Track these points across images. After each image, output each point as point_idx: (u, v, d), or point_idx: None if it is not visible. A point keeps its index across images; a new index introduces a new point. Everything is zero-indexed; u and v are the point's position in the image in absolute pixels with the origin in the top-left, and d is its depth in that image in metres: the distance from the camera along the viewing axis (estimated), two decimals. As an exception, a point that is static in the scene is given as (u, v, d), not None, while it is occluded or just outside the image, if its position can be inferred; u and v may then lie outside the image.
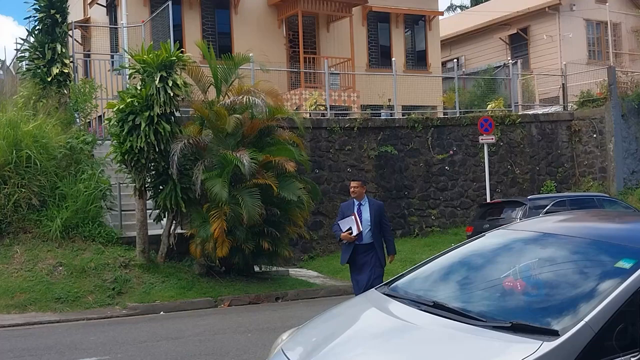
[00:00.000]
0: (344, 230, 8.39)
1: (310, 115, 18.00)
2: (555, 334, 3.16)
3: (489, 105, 20.63)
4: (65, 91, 15.25)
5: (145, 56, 12.11)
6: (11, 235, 12.56)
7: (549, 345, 3.07)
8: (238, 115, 12.41)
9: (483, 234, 4.73)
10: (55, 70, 14.92)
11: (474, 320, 3.46)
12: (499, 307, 3.79)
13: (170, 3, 16.95)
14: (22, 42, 16.50)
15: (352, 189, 8.66)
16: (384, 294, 4.19)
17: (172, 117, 12.29)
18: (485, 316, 3.51)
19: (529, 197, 14.45)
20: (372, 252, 8.45)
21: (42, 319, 10.49)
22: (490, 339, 3.26)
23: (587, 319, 3.17)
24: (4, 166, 12.67)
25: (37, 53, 15.16)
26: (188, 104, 13.09)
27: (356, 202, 8.60)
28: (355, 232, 8.33)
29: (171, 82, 11.92)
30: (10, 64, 19.32)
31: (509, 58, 25.83)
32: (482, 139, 16.45)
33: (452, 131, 18.55)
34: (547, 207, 13.29)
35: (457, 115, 19.57)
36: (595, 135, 20.01)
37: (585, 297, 3.43)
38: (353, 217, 8.36)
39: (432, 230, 17.72)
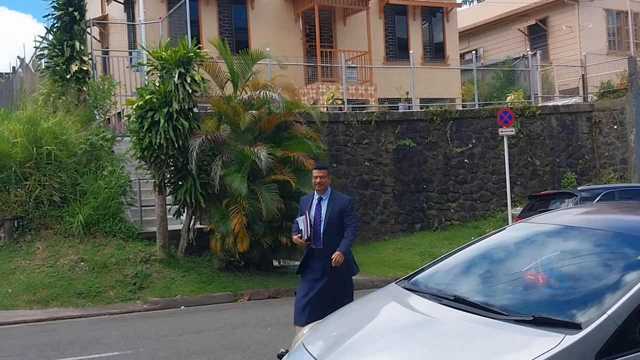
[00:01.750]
0: (298, 231, 6.87)
1: (327, 110, 17.99)
2: (577, 327, 3.14)
3: (509, 97, 20.47)
4: (84, 88, 15.37)
5: (163, 53, 12.16)
6: (33, 231, 12.70)
7: (571, 339, 3.05)
8: (253, 112, 12.42)
9: (503, 227, 4.70)
10: (74, 68, 15.04)
11: (496, 314, 3.44)
12: (520, 300, 3.76)
13: (187, -1, 17.00)
14: (41, 39, 16.66)
15: (317, 180, 6.93)
16: (404, 288, 4.18)
17: (191, 113, 12.32)
18: (507, 310, 3.49)
19: (579, 189, 14.32)
20: (331, 259, 6.72)
21: (64, 314, 10.61)
22: (512, 333, 3.24)
23: (610, 312, 3.14)
24: (24, 163, 12.80)
25: (56, 50, 15.28)
26: (206, 99, 13.12)
27: (316, 196, 6.96)
28: (304, 237, 6.78)
29: (189, 79, 11.95)
30: (30, 61, 19.49)
31: (528, 49, 25.58)
32: (501, 131, 16.32)
33: (471, 124, 18.43)
34: (598, 198, 13.11)
35: (476, 108, 19.44)
36: (615, 127, 19.77)
37: (608, 290, 3.39)
38: (304, 216, 6.83)
39: (451, 224, 17.64)
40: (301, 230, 6.80)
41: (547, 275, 3.90)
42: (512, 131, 16.55)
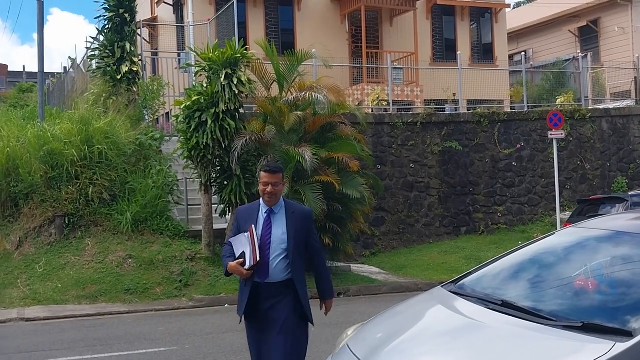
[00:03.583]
0: (236, 256, 4.66)
1: (372, 111, 17.94)
2: (628, 334, 3.06)
3: (558, 100, 20.10)
4: (134, 89, 15.66)
5: (211, 54, 12.31)
6: (83, 228, 13.00)
7: (622, 346, 2.98)
8: (298, 113, 12.47)
9: (552, 232, 4.62)
10: (124, 68, 15.34)
11: (544, 319, 3.38)
12: (569, 306, 3.69)
13: (235, 1, 17.16)
14: (92, 40, 17.03)
15: (268, 188, 4.72)
16: (451, 291, 4.13)
17: (237, 114, 12.45)
18: (555, 316, 3.42)
19: (630, 194, 14.01)
20: (287, 297, 4.70)
21: (112, 310, 10.84)
22: (561, 339, 3.18)
23: (664, 320, 3.06)
24: (76, 162, 13.11)
25: (107, 51, 15.61)
26: (252, 100, 13.24)
27: (264, 208, 4.80)
28: (249, 263, 4.58)
29: (236, 80, 12.07)
30: (81, 62, 19.95)
31: (579, 51, 25.07)
32: (551, 134, 16.01)
33: (519, 126, 18.15)
34: None
35: (525, 110, 19.14)
36: (670, 130, 19.23)
37: (662, 298, 3.30)
38: (248, 234, 4.65)
39: (498, 228, 17.38)
40: (242, 254, 4.63)
41: (597, 281, 3.81)
42: (561, 134, 16.23)
